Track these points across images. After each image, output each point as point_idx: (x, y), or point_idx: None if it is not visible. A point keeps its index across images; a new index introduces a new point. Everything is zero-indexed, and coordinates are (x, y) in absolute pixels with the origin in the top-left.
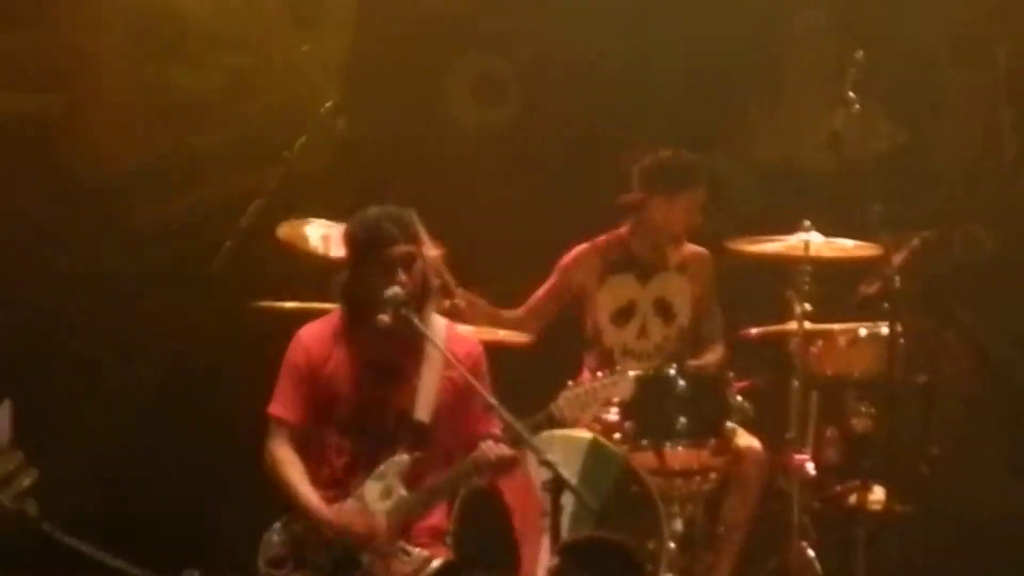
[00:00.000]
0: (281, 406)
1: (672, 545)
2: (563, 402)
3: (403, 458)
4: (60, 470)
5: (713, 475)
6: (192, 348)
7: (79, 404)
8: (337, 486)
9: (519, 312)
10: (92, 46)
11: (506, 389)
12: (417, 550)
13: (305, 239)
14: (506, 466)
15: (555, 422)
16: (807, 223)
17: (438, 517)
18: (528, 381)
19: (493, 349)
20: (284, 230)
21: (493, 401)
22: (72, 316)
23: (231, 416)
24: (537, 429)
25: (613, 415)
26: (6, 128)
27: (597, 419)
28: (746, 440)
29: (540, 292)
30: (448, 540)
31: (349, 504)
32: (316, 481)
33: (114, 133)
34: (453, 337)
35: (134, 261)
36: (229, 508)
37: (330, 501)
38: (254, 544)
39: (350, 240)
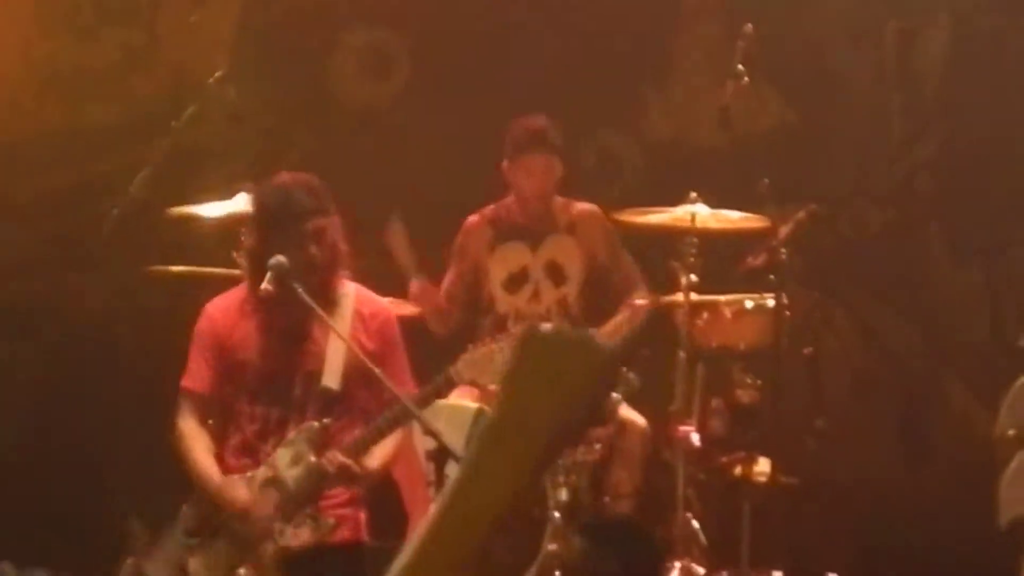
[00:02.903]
0: (189, 378)
1: (557, 515)
2: (462, 365)
3: (313, 425)
4: None
5: (598, 445)
6: (83, 322)
7: None
8: (250, 453)
9: (444, 304)
10: None
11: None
12: (323, 518)
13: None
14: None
15: (454, 385)
16: (693, 195)
17: None
18: (425, 351)
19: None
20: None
21: (378, 372)
22: None
23: (123, 391)
24: (437, 393)
25: (496, 385)
26: None
27: (483, 388)
28: (629, 413)
29: (447, 279)
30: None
31: (260, 472)
32: (230, 449)
33: (4, 105)
34: (362, 299)
35: (22, 234)
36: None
37: (244, 469)
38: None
39: (259, 208)
